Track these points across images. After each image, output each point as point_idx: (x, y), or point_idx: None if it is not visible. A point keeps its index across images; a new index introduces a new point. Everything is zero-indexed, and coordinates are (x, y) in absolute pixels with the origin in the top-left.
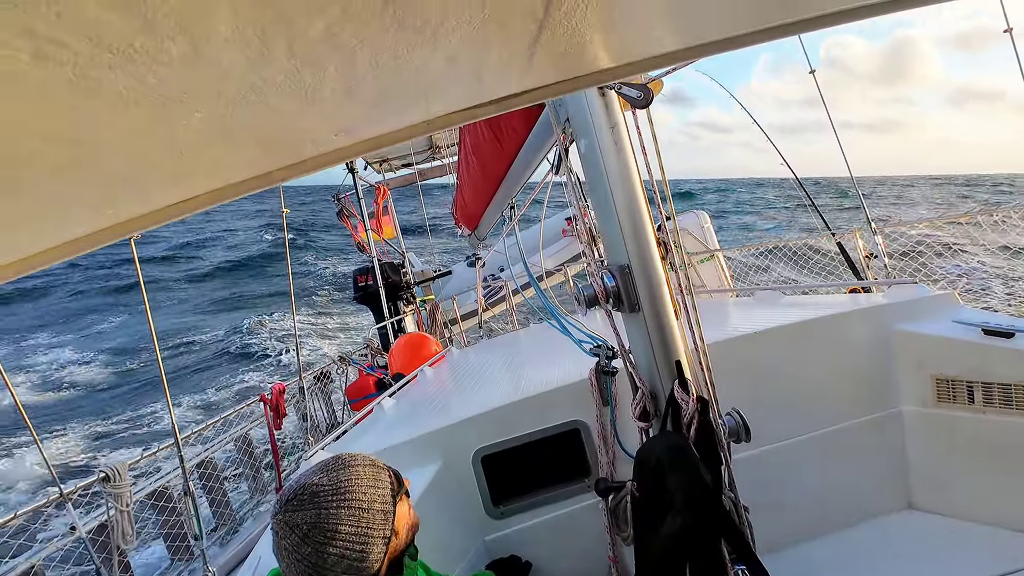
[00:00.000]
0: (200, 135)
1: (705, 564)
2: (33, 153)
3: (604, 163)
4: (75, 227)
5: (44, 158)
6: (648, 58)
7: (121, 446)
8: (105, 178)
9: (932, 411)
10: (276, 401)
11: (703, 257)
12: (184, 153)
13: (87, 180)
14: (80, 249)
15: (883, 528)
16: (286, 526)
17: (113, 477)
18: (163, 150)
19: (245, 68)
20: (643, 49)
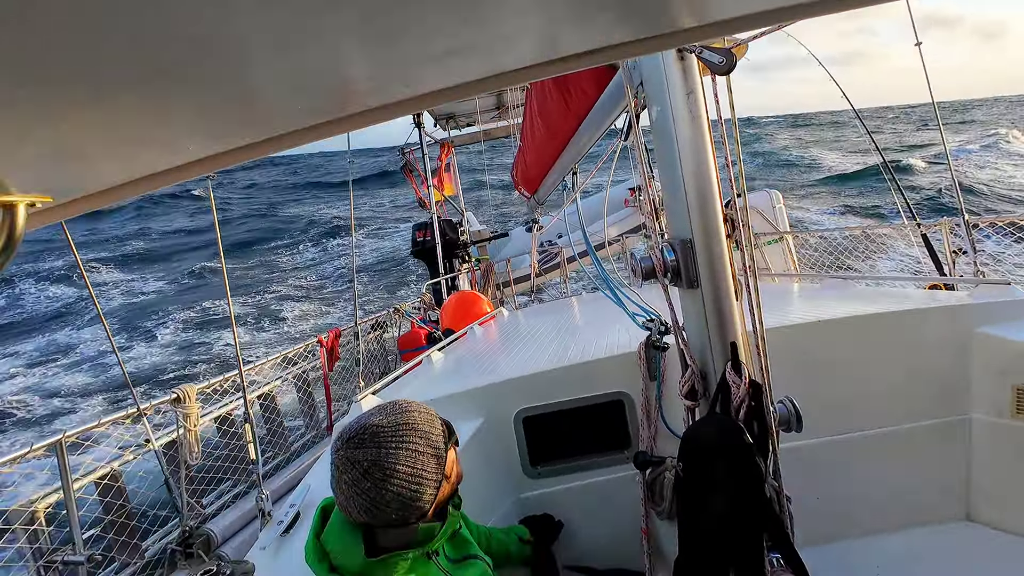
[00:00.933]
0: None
1: (745, 549)
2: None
3: (676, 132)
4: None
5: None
6: (737, 17)
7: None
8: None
9: (1008, 422)
10: (332, 344)
11: (770, 239)
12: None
13: (206, 101)
14: (154, 184)
15: (936, 536)
16: (348, 461)
17: (183, 399)
18: (245, 90)
19: (322, 6)
20: (732, 7)
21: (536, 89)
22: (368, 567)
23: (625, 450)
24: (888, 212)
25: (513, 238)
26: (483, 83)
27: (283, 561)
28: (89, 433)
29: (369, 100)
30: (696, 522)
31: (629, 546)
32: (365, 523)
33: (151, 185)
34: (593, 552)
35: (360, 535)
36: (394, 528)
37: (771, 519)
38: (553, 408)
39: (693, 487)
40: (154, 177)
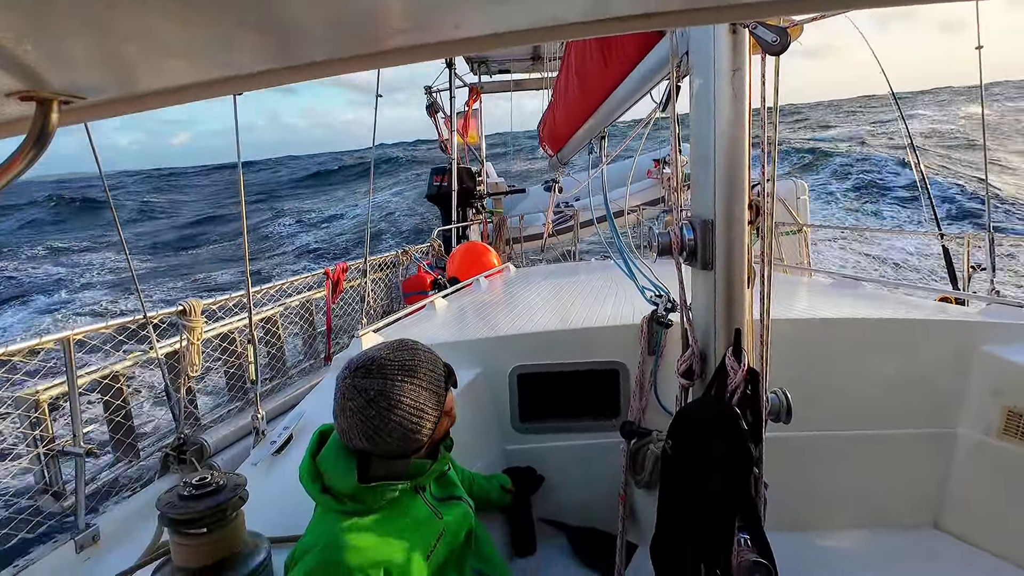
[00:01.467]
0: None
1: (724, 529)
2: None
3: (716, 108)
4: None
5: None
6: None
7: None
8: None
9: (992, 441)
10: (338, 277)
11: (789, 229)
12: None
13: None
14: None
15: (901, 539)
16: (354, 389)
17: (189, 311)
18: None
19: None
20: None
21: (577, 45)
22: (358, 492)
23: (614, 418)
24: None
25: (530, 195)
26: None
27: (272, 478)
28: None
29: (409, 38)
30: (682, 500)
31: (603, 509)
32: (362, 451)
33: (178, 98)
34: (568, 509)
35: (355, 462)
36: (389, 459)
37: (748, 502)
38: (549, 369)
39: (682, 466)
40: (182, 90)
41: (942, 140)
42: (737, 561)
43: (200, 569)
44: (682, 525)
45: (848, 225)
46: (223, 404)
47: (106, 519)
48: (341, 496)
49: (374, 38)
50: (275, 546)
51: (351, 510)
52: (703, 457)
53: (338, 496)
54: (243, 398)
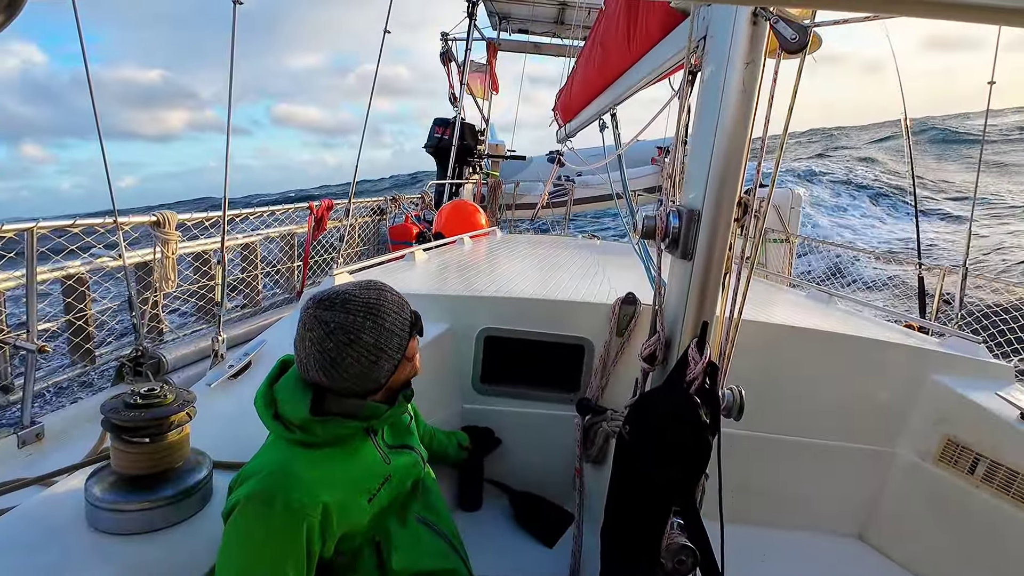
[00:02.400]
0: None
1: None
2: None
3: (722, 99)
4: None
5: None
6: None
7: None
8: None
9: (928, 466)
10: (321, 214)
11: (776, 237)
12: None
13: None
14: None
15: (825, 544)
16: (315, 319)
17: (163, 223)
18: None
19: None
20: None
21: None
22: (308, 423)
23: (572, 393)
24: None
25: (531, 165)
26: None
27: (224, 402)
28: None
29: None
30: (636, 485)
31: (551, 478)
32: (319, 384)
33: None
34: (518, 475)
35: (310, 394)
36: (344, 397)
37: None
38: (517, 335)
39: (639, 451)
40: None
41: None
42: (667, 543)
43: (137, 476)
44: (634, 509)
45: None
46: (188, 324)
47: (52, 418)
48: (291, 425)
49: None
50: (219, 469)
51: (299, 439)
52: (661, 445)
53: (288, 424)
54: (209, 321)
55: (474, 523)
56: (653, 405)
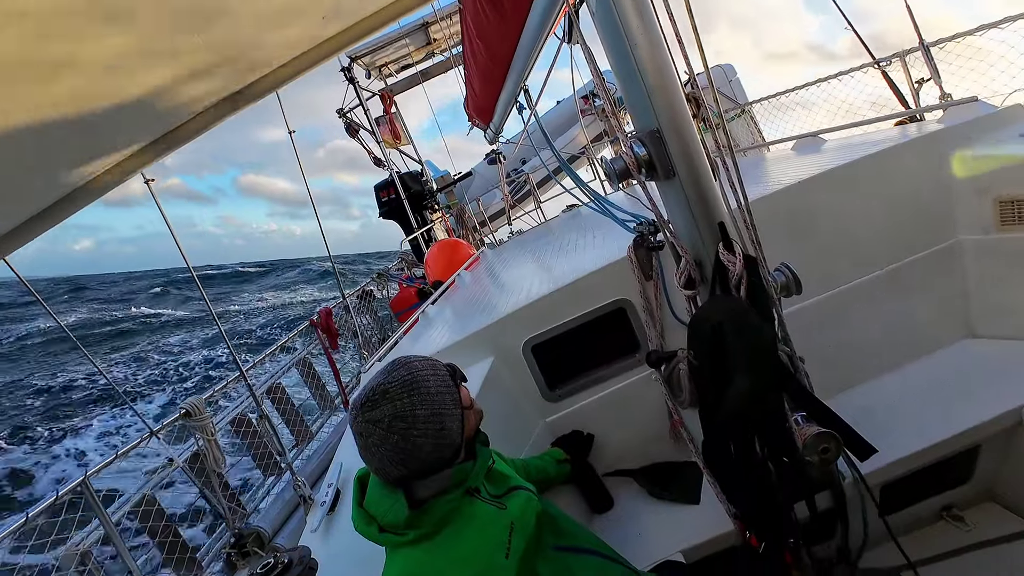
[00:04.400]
0: None
1: (768, 418)
2: None
3: (620, 18)
4: None
5: None
6: None
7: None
8: None
9: (994, 237)
10: (326, 323)
11: (733, 114)
12: None
13: None
14: None
15: (941, 359)
16: (368, 424)
17: (193, 412)
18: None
19: None
20: None
21: (468, 10)
22: (414, 519)
23: (636, 353)
24: None
25: (478, 175)
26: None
27: (335, 538)
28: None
29: (298, 47)
30: (718, 402)
31: (657, 443)
32: (403, 478)
33: None
34: (626, 455)
35: (401, 492)
36: (431, 475)
37: (790, 382)
38: (558, 331)
39: (709, 371)
40: None
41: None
42: (802, 440)
43: None
44: (729, 426)
45: (785, 89)
46: (260, 486)
47: None
48: (399, 530)
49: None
50: None
51: (415, 538)
52: (724, 355)
53: (396, 531)
54: (278, 472)
55: (616, 520)
56: (703, 320)
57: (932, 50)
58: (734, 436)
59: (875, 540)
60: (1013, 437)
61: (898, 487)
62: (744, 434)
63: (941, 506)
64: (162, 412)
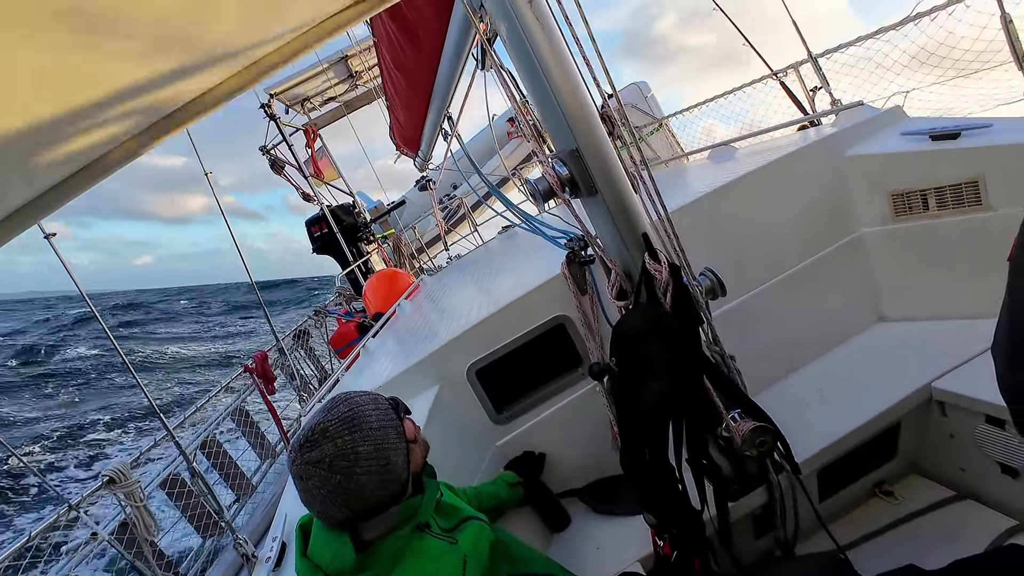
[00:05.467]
0: None
1: (697, 418)
2: None
3: (531, 46)
4: None
5: None
6: None
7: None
8: None
9: (892, 227)
10: (262, 368)
11: (651, 128)
12: None
13: None
14: None
15: (858, 344)
16: (308, 465)
17: (118, 478)
18: None
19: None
20: None
21: (383, 43)
22: (362, 562)
23: (579, 368)
24: None
25: (410, 203)
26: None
27: None
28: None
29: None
30: (632, 408)
31: (607, 457)
32: (348, 520)
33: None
34: (577, 471)
35: (346, 535)
36: (377, 514)
37: (722, 381)
38: (501, 352)
39: (629, 378)
40: None
41: None
42: (740, 435)
43: None
44: (647, 429)
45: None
46: (200, 550)
47: None
48: (348, 575)
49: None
50: None
51: None
52: (643, 361)
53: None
54: (217, 533)
55: (575, 537)
56: (624, 327)
57: (821, 60)
58: (648, 443)
59: (814, 528)
60: (926, 411)
61: (833, 470)
62: (657, 440)
63: (873, 483)
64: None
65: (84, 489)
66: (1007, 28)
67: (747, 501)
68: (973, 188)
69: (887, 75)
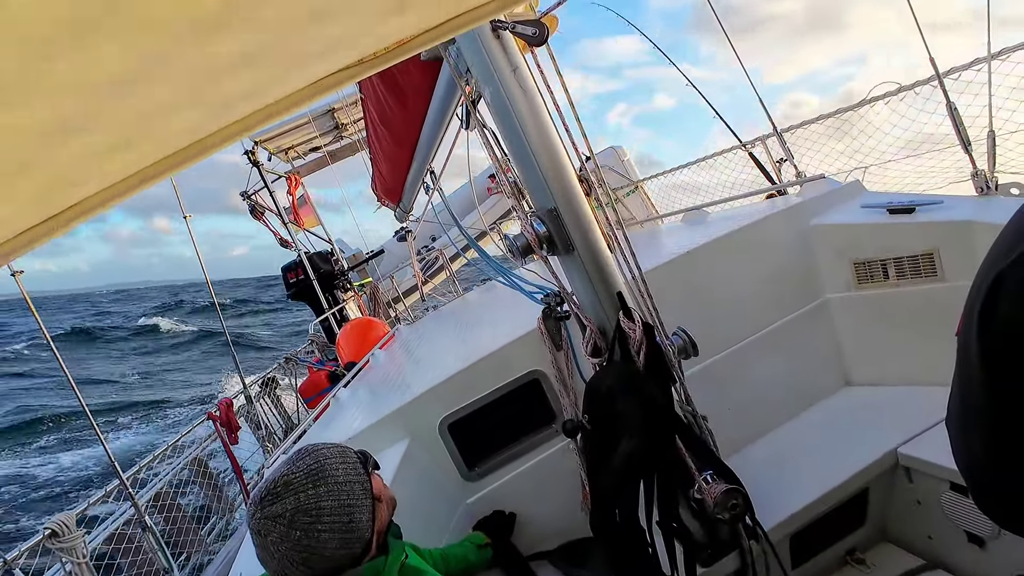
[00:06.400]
0: None
1: (669, 477)
2: None
3: (513, 109)
4: None
5: None
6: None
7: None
8: None
9: (855, 294)
10: (226, 416)
11: (627, 190)
12: None
13: None
14: None
15: (824, 408)
16: (268, 520)
17: (61, 532)
18: None
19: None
20: None
21: (370, 99)
22: None
23: (552, 423)
24: None
25: (389, 252)
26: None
27: None
28: None
29: (198, 129)
30: (603, 468)
31: (582, 517)
32: None
33: None
34: (548, 532)
35: None
36: (341, 573)
37: (694, 441)
38: (474, 406)
39: (601, 435)
40: None
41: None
42: (712, 497)
43: None
44: (618, 488)
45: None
46: None
47: None
48: None
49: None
50: None
51: None
52: (615, 419)
53: None
54: None
55: None
56: (598, 386)
57: (785, 136)
58: (619, 503)
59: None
60: (893, 477)
61: (804, 536)
62: (628, 501)
63: (845, 551)
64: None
65: (24, 542)
66: (953, 115)
67: (719, 567)
68: (929, 259)
69: (846, 149)
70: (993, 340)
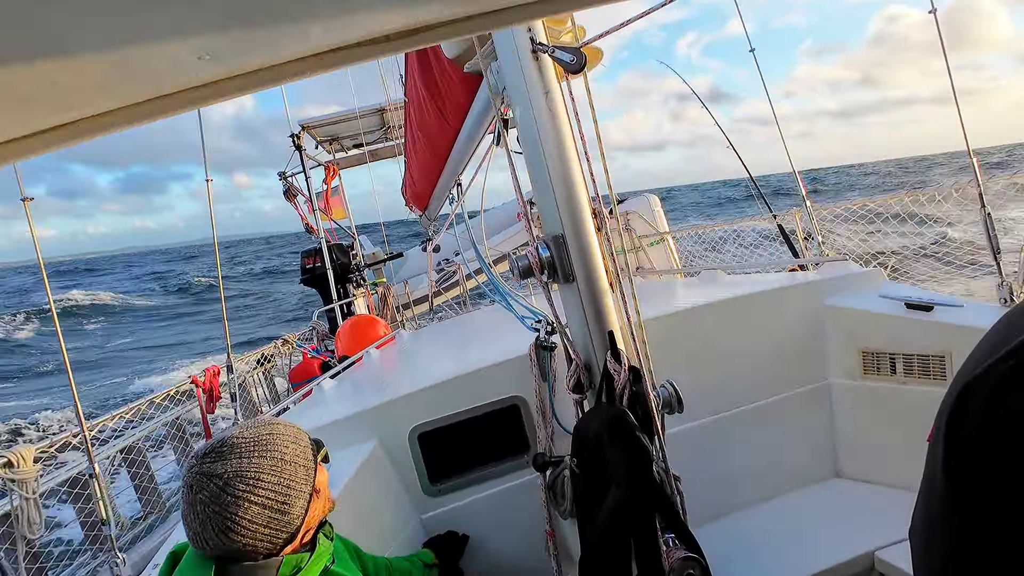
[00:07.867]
0: None
1: (643, 535)
2: None
3: (538, 130)
4: None
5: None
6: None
7: None
8: None
9: (859, 383)
10: (210, 383)
11: (653, 240)
12: None
13: None
14: None
15: (811, 496)
16: (203, 476)
17: (17, 463)
18: None
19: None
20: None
21: (413, 103)
22: None
23: (524, 454)
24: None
25: (410, 258)
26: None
27: None
28: None
29: (162, 82)
30: (594, 514)
31: (536, 551)
32: (221, 555)
33: None
34: (501, 562)
35: (211, 569)
36: (254, 557)
37: (662, 501)
38: (449, 420)
39: (588, 480)
40: None
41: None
42: (668, 562)
43: None
44: (603, 540)
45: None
46: (86, 562)
47: None
48: None
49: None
50: None
51: None
52: (603, 465)
53: None
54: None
55: None
56: (587, 429)
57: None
58: (612, 553)
59: None
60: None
61: None
62: (621, 552)
63: None
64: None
65: None
66: (986, 223)
67: None
68: (940, 361)
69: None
70: (959, 446)
